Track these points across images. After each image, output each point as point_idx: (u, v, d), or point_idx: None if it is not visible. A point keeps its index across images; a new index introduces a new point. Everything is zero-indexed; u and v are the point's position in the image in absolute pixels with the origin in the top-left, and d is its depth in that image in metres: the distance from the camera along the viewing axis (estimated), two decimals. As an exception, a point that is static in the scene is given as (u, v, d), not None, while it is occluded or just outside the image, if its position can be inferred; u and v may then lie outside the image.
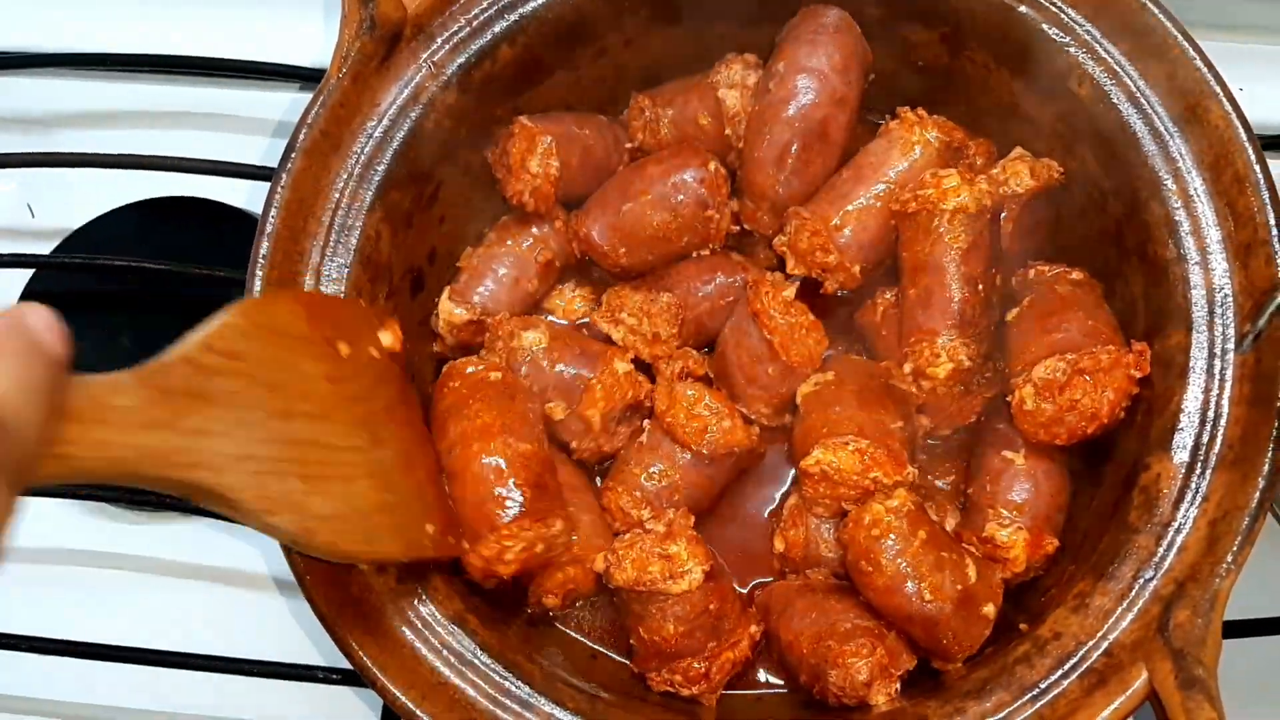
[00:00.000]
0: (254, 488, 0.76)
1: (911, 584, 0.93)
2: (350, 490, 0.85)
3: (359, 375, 0.90)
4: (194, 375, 0.74)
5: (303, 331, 0.86)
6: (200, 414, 0.74)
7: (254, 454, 0.77)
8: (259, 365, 0.80)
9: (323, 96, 0.97)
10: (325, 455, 0.84)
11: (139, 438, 0.69)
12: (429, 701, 0.88)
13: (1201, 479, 0.91)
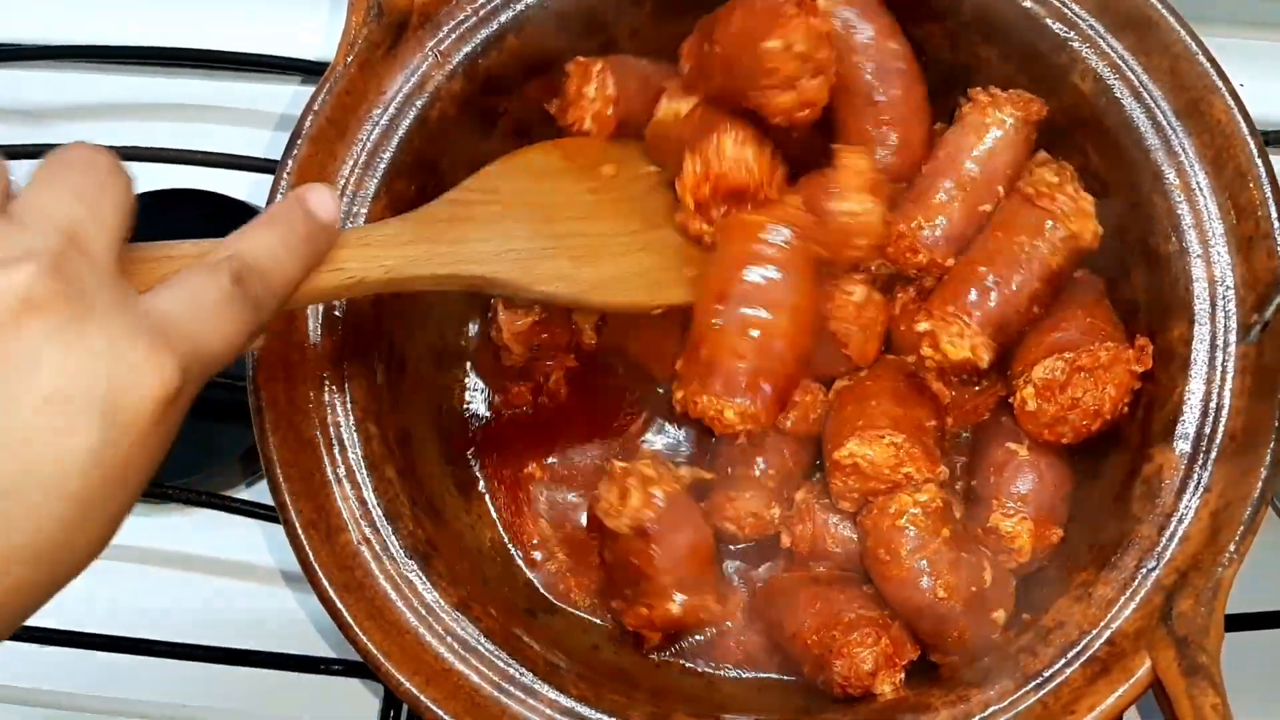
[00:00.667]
0: (520, 269, 0.87)
1: (927, 579, 0.93)
2: (625, 259, 0.95)
3: (627, 184, 0.99)
4: (453, 208, 0.87)
5: (559, 166, 0.97)
6: (461, 229, 0.85)
7: (517, 248, 0.88)
8: (517, 195, 0.91)
9: (329, 84, 0.97)
10: (593, 241, 0.94)
11: (404, 250, 0.81)
12: (433, 687, 0.88)
13: (1204, 470, 0.91)
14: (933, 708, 0.89)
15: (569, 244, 0.92)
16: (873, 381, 1.02)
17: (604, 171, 0.99)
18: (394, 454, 0.97)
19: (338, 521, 0.92)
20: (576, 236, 0.93)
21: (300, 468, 0.93)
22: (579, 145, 1.01)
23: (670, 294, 0.98)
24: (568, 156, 0.98)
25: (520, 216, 0.90)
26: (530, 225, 0.90)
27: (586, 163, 0.99)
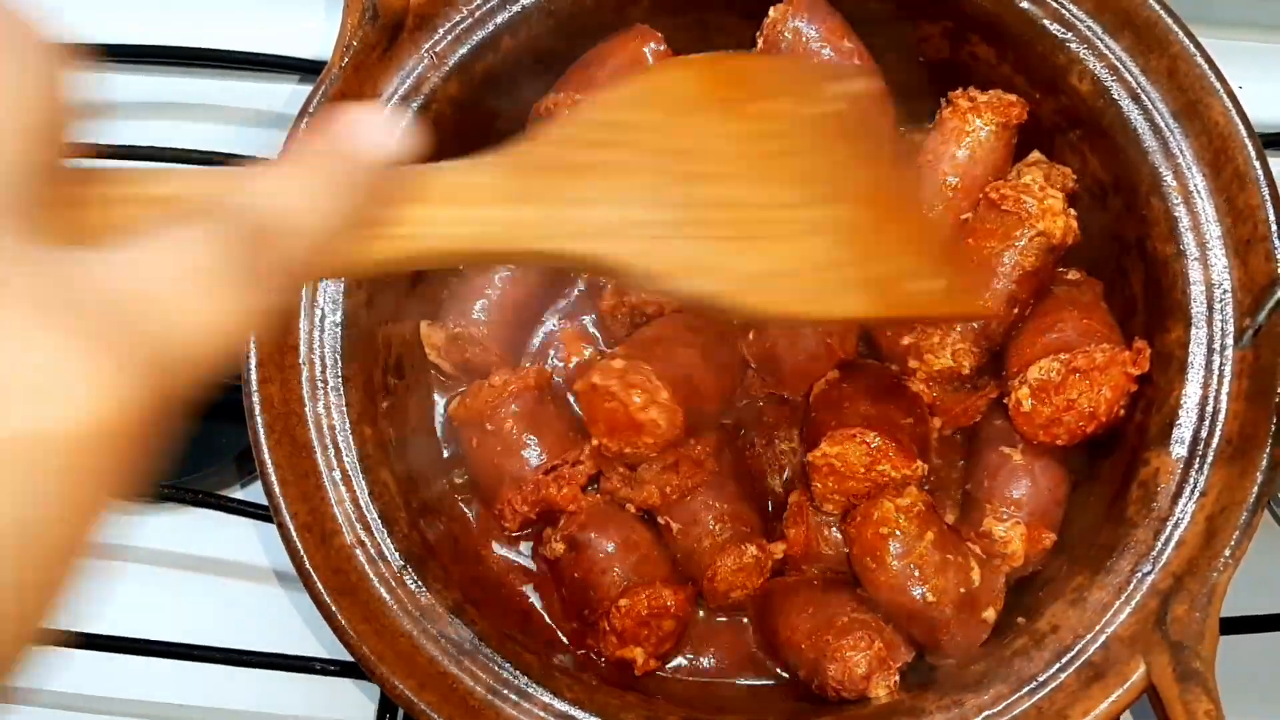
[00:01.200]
0: (652, 253, 0.64)
1: (915, 584, 0.93)
2: (789, 249, 0.71)
3: (793, 132, 0.75)
4: (571, 149, 0.63)
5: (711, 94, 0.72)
6: (579, 183, 0.62)
7: (651, 219, 0.64)
8: (653, 133, 0.67)
9: (324, 86, 0.97)
10: (750, 214, 0.70)
11: (500, 211, 0.58)
12: (427, 691, 0.88)
13: (1199, 474, 0.91)
14: (927, 712, 0.89)
15: (719, 218, 0.68)
16: (848, 384, 1.03)
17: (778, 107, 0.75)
18: (389, 457, 0.97)
19: (333, 525, 0.92)
20: (730, 207, 0.69)
21: (295, 470, 0.93)
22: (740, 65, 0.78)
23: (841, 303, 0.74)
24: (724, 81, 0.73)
25: (655, 169, 0.65)
26: (668, 184, 0.66)
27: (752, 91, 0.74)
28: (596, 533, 1.02)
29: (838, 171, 0.76)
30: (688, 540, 1.03)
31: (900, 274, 0.78)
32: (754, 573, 1.01)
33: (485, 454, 1.05)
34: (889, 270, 0.77)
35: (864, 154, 0.79)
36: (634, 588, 0.98)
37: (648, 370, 0.97)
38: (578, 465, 1.04)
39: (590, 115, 0.66)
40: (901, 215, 0.81)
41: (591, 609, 1.00)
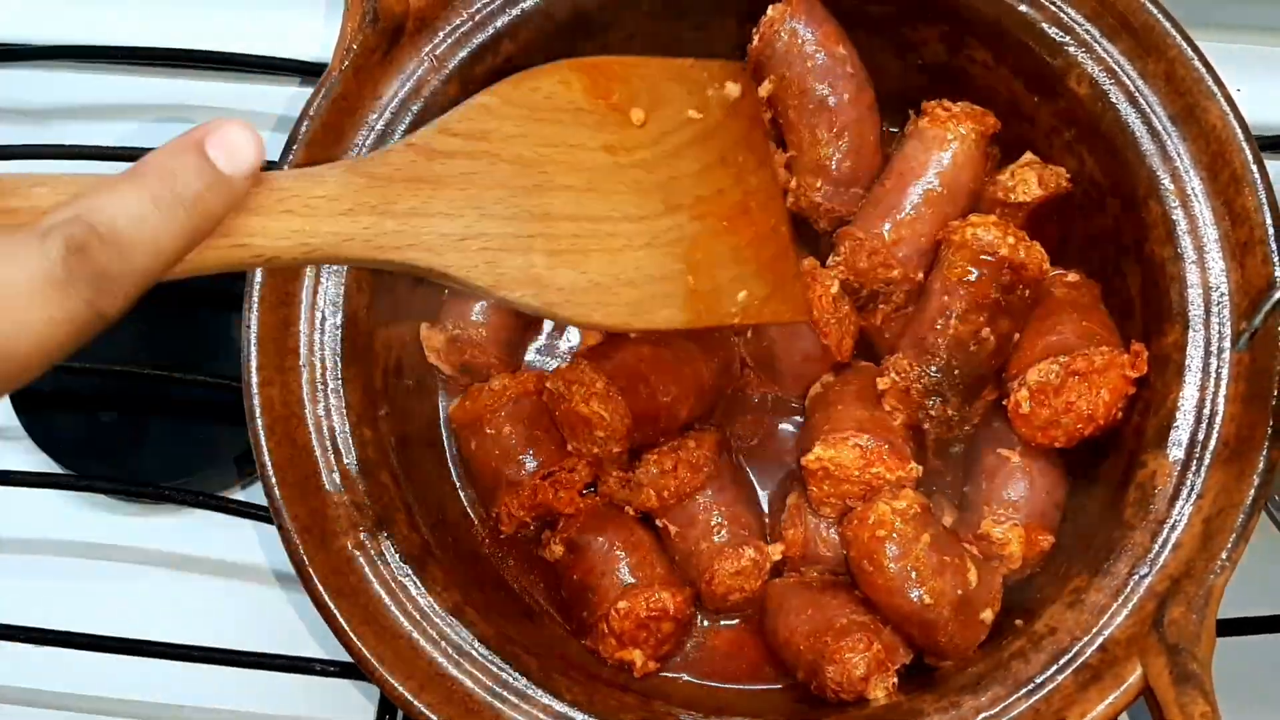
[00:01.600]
0: (481, 265, 0.69)
1: (912, 586, 0.93)
2: (617, 260, 0.76)
3: (658, 141, 0.80)
4: (421, 160, 0.67)
5: (576, 103, 0.77)
6: (420, 196, 0.66)
7: (486, 231, 0.69)
8: (509, 142, 0.71)
9: (324, 89, 0.97)
10: (586, 228, 0.75)
11: (337, 225, 0.62)
12: (427, 692, 0.89)
13: (1197, 476, 0.91)
14: (925, 713, 0.90)
15: (553, 231, 0.73)
16: (841, 387, 1.04)
17: (633, 118, 0.80)
18: (389, 459, 0.98)
19: (332, 526, 0.93)
20: (566, 220, 0.74)
21: (295, 472, 0.93)
22: (612, 70, 0.80)
23: (661, 315, 0.80)
24: (593, 89, 0.78)
25: (503, 178, 0.70)
26: (513, 194, 0.71)
27: (616, 101, 0.79)
28: (595, 535, 1.02)
29: (688, 182, 0.81)
30: (686, 543, 1.03)
31: (724, 285, 0.83)
32: (752, 575, 1.01)
33: (483, 457, 1.06)
34: (714, 282, 0.82)
35: (723, 160, 0.83)
36: (633, 590, 0.99)
37: (584, 365, 1.00)
38: (575, 470, 1.04)
39: (454, 123, 0.69)
40: (741, 224, 0.84)
41: (590, 611, 1.01)
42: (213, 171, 0.53)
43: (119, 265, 0.49)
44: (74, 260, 0.47)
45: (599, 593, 1.00)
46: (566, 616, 1.05)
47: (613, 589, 0.99)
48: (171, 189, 0.51)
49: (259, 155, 0.55)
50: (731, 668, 1.04)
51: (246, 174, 0.55)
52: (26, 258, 0.46)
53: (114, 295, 0.48)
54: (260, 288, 0.95)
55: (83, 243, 0.47)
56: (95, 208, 0.49)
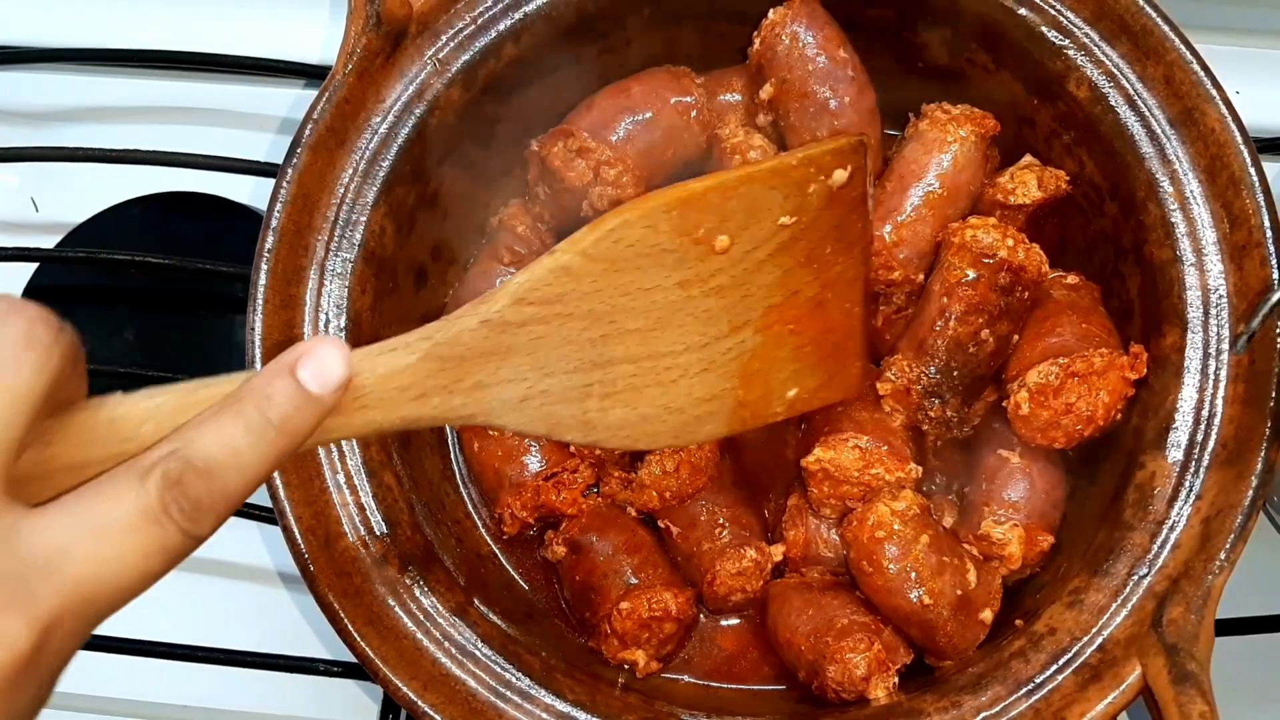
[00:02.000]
0: (536, 420, 0.71)
1: (911, 587, 0.93)
2: (669, 391, 0.77)
3: (739, 262, 0.76)
4: (494, 335, 0.67)
5: (661, 245, 0.73)
6: (488, 369, 0.68)
7: (547, 390, 0.71)
8: (583, 300, 0.71)
9: (328, 93, 0.98)
10: (645, 366, 0.75)
11: (407, 410, 0.65)
12: (431, 692, 0.89)
13: (1196, 477, 0.92)
14: (925, 713, 0.90)
15: (611, 376, 0.73)
16: None
17: (717, 245, 0.75)
18: (393, 460, 0.98)
19: (336, 528, 0.93)
20: (625, 364, 0.74)
21: (299, 474, 0.93)
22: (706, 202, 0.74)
23: (703, 432, 0.81)
24: (681, 228, 0.72)
25: (571, 334, 0.70)
26: (578, 349, 0.71)
27: (703, 232, 0.74)
28: (598, 536, 1.03)
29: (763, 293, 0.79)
30: (688, 544, 1.04)
31: (775, 388, 0.82)
32: (753, 576, 1.02)
33: (486, 458, 1.06)
34: (765, 388, 0.82)
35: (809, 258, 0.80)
36: (635, 591, 0.99)
37: None
38: (577, 471, 1.05)
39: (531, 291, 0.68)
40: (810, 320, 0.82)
41: (593, 612, 1.01)
42: (302, 393, 0.57)
43: (211, 494, 0.53)
44: (169, 495, 0.51)
45: (601, 593, 1.01)
46: (569, 617, 1.05)
47: (615, 589, 1.00)
48: (264, 414, 0.55)
49: (347, 373, 0.59)
50: (733, 668, 1.05)
51: (335, 390, 0.59)
52: (125, 496, 0.51)
53: (208, 520, 0.53)
54: (264, 290, 0.95)
55: (179, 477, 0.51)
56: (192, 440, 0.53)
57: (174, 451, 0.52)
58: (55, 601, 0.49)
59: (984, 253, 0.98)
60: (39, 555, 0.49)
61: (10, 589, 0.47)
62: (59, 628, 0.49)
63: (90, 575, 0.50)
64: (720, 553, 1.01)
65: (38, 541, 0.49)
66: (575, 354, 0.71)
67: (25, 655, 0.47)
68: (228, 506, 0.54)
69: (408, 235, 1.03)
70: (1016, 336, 1.00)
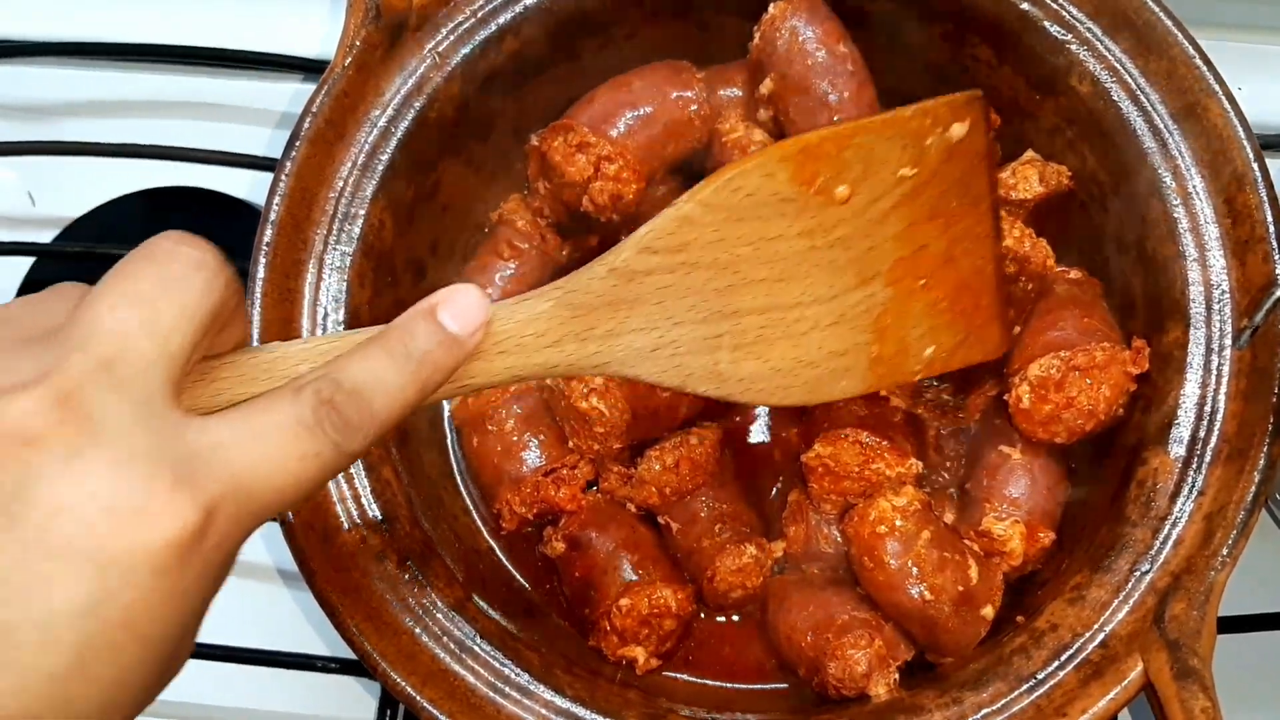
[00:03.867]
0: (670, 369, 0.73)
1: (913, 583, 0.93)
2: (801, 344, 0.77)
3: (861, 213, 0.77)
4: (621, 284, 0.69)
5: (780, 194, 0.74)
6: (618, 318, 0.70)
7: (677, 339, 0.72)
8: (706, 249, 0.72)
9: (327, 86, 0.97)
10: (774, 317, 0.76)
11: (545, 356, 0.68)
12: (429, 688, 0.89)
13: (1198, 473, 0.92)
14: (926, 709, 0.90)
15: (741, 326, 0.74)
16: None
17: (837, 195, 0.75)
18: (392, 455, 0.98)
19: (335, 523, 0.93)
20: (755, 314, 0.74)
21: (298, 468, 0.93)
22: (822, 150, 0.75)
23: (839, 387, 0.81)
24: (799, 175, 0.73)
25: (697, 284, 0.71)
26: (705, 299, 0.72)
27: (822, 183, 0.75)
28: (597, 532, 1.03)
29: (889, 246, 0.79)
30: (688, 540, 1.03)
31: (911, 344, 0.82)
32: (754, 572, 1.02)
33: (485, 454, 1.06)
34: (900, 344, 0.82)
35: (933, 213, 0.80)
36: (635, 587, 0.99)
37: None
38: (576, 467, 1.04)
39: (654, 240, 0.70)
40: (941, 276, 0.82)
41: (592, 608, 1.01)
42: (442, 332, 0.62)
43: (360, 413, 0.57)
44: (322, 410, 0.56)
45: (601, 590, 1.00)
46: (568, 613, 1.05)
47: (614, 586, 1.00)
48: (406, 347, 0.60)
49: (485, 316, 0.64)
50: (733, 665, 1.04)
51: (474, 332, 0.63)
52: (282, 407, 0.56)
53: (357, 437, 0.57)
54: (262, 284, 0.95)
55: (329, 396, 0.56)
56: (340, 366, 0.58)
57: (325, 374, 0.57)
58: (217, 487, 0.52)
59: None
60: (204, 446, 0.53)
61: (178, 471, 0.51)
62: (220, 512, 0.52)
63: (248, 469, 0.54)
64: (720, 549, 1.01)
65: (203, 437, 0.53)
66: (703, 303, 0.72)
67: (192, 531, 0.51)
68: (376, 426, 0.58)
69: (407, 229, 1.03)
70: (1018, 329, 1.00)
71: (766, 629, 1.02)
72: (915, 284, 0.81)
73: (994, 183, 0.84)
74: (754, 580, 1.02)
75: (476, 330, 0.63)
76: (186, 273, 0.54)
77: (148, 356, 0.52)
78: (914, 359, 0.84)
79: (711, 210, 0.71)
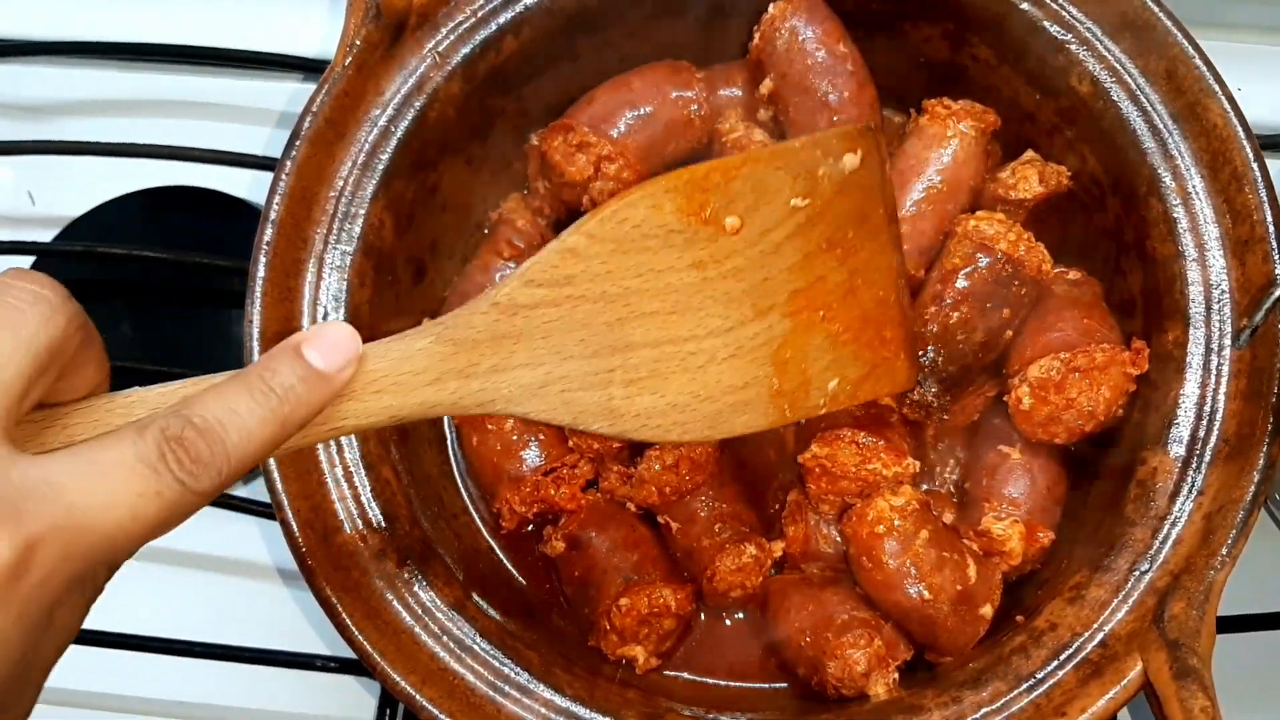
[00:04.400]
0: (558, 407, 0.71)
1: (911, 582, 0.93)
2: (697, 378, 0.76)
3: (754, 244, 0.76)
4: (504, 318, 0.68)
5: (667, 225, 0.73)
6: (502, 353, 0.68)
7: (566, 374, 0.71)
8: (594, 282, 0.71)
9: (327, 85, 0.97)
10: (668, 351, 0.74)
11: (424, 395, 0.66)
12: (429, 686, 0.89)
13: (1197, 473, 0.92)
14: (926, 708, 0.90)
15: (634, 361, 0.73)
16: None
17: (727, 226, 0.74)
18: (391, 454, 0.98)
19: (335, 521, 0.93)
20: (647, 348, 0.73)
21: (298, 467, 0.93)
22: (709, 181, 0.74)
23: (739, 422, 0.79)
24: (687, 207, 0.73)
25: (585, 318, 0.70)
26: (594, 333, 0.71)
27: (710, 214, 0.74)
28: (597, 531, 1.03)
29: (785, 277, 0.78)
30: (687, 539, 1.03)
31: (814, 377, 0.81)
32: (753, 572, 1.01)
33: (485, 453, 1.06)
34: (802, 377, 0.80)
35: (829, 243, 0.80)
36: (634, 586, 0.99)
37: None
38: (576, 466, 1.04)
39: (539, 273, 0.69)
40: (842, 308, 0.81)
41: (592, 608, 1.01)
42: (306, 368, 0.60)
43: (212, 449, 0.55)
44: (166, 446, 0.53)
45: (600, 589, 1.00)
46: (568, 613, 1.05)
47: (614, 585, 1.00)
48: (267, 383, 0.58)
49: (354, 352, 0.62)
50: (733, 664, 1.04)
51: (342, 368, 0.61)
52: (124, 445, 0.53)
53: (207, 475, 0.54)
54: (262, 283, 0.95)
55: (177, 433, 0.54)
56: (193, 404, 0.56)
57: (175, 411, 0.55)
58: (40, 524, 0.50)
59: (984, 242, 0.98)
60: (33, 482, 0.51)
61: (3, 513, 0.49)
62: (43, 549, 0.50)
63: (82, 506, 0.51)
64: (720, 549, 1.01)
65: (32, 472, 0.51)
66: (592, 338, 0.71)
67: (8, 567, 0.48)
68: (230, 465, 0.55)
69: (407, 229, 1.03)
70: (1010, 332, 1.00)
71: (766, 628, 1.02)
72: (815, 316, 0.80)
73: (893, 215, 0.83)
74: (753, 580, 1.02)
75: (344, 367, 0.61)
76: (21, 305, 0.52)
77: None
78: (817, 392, 0.83)
79: (597, 242, 0.71)
